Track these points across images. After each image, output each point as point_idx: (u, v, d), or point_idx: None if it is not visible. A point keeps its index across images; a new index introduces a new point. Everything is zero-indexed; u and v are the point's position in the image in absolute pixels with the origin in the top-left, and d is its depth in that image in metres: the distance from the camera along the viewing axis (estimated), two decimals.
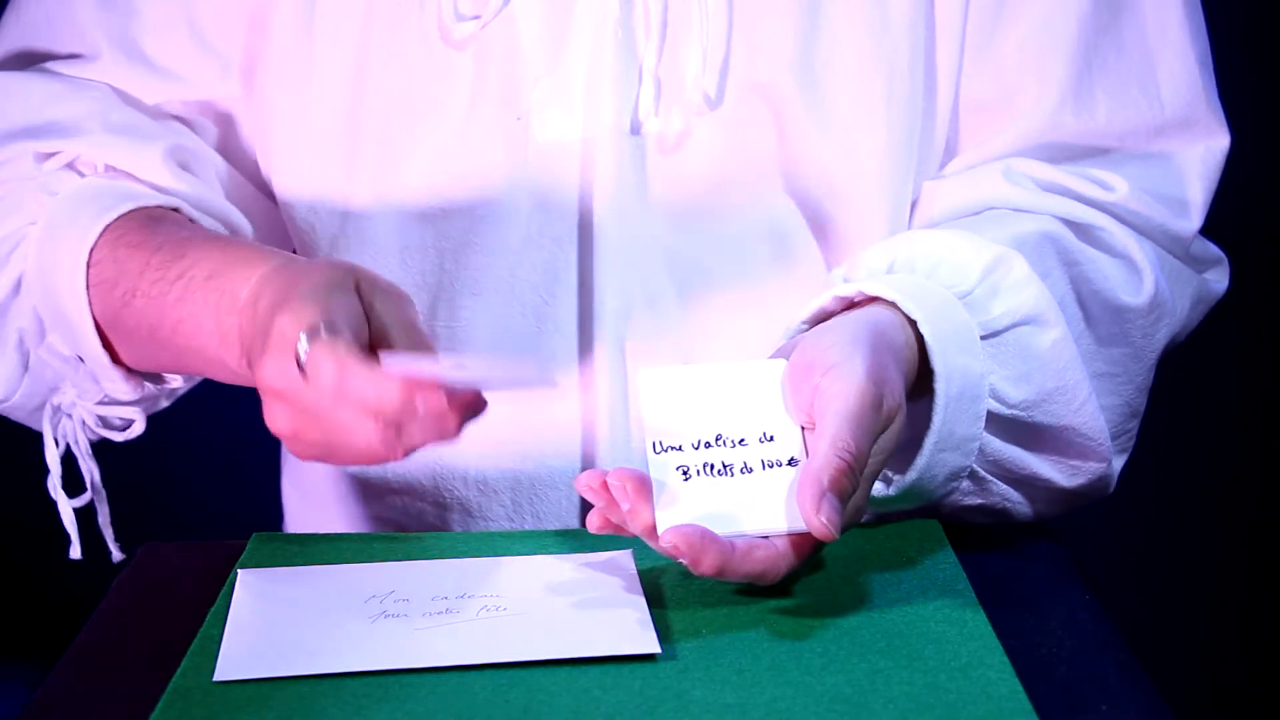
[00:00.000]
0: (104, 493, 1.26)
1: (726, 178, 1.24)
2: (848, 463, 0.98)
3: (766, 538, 1.00)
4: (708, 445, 1.01)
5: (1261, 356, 2.17)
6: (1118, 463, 1.20)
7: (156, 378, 1.22)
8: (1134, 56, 1.23)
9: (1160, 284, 1.20)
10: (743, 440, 1.01)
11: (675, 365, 1.03)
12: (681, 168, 1.24)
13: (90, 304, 1.17)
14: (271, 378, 1.03)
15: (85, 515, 1.23)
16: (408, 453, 1.02)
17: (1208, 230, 1.27)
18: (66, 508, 1.23)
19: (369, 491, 1.32)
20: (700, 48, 1.21)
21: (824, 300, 1.10)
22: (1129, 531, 2.20)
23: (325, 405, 1.01)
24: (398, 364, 1.00)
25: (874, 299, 1.09)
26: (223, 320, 1.10)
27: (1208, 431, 2.20)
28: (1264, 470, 2.19)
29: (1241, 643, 2.23)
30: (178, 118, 1.27)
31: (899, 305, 1.08)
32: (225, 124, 1.29)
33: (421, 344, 1.04)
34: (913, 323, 1.07)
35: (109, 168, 1.22)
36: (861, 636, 0.97)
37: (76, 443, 1.24)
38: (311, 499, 1.36)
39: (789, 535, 1.00)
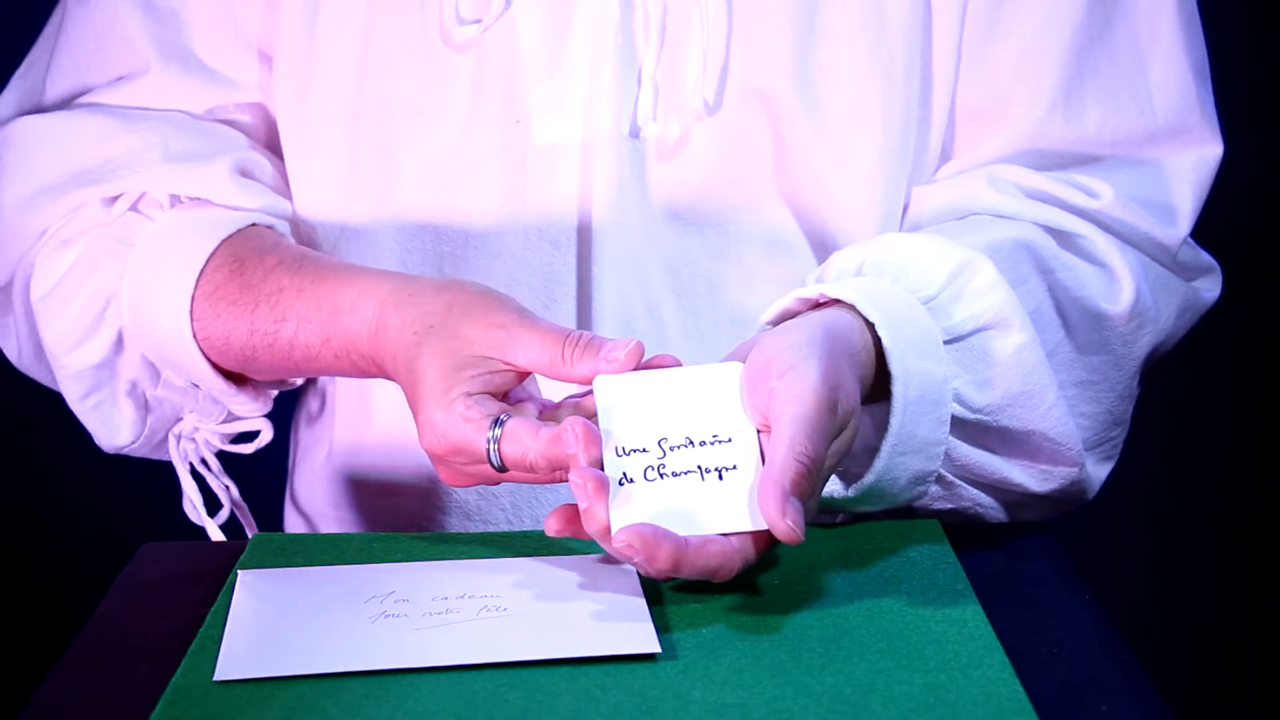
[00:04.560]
0: (245, 506, 1.29)
1: (724, 182, 1.24)
2: (806, 466, 0.98)
3: (724, 535, 1.00)
4: (664, 450, 1.01)
5: (1257, 360, 2.17)
6: (1101, 470, 1.20)
7: (282, 382, 1.25)
8: (1126, 64, 1.23)
9: (1141, 292, 1.20)
10: (699, 443, 1.01)
11: (632, 371, 1.03)
12: (680, 172, 1.24)
13: (205, 355, 1.19)
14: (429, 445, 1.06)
15: (82, 519, 1.23)
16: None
17: (1201, 238, 1.26)
18: (215, 531, 1.27)
19: (367, 496, 1.32)
20: (700, 52, 1.21)
21: (787, 301, 1.10)
22: (1129, 531, 2.20)
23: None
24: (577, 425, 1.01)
25: (836, 301, 1.09)
26: (361, 358, 1.13)
27: (1206, 433, 2.20)
28: (1260, 471, 2.19)
29: (1241, 642, 2.23)
30: (228, 121, 1.28)
31: (858, 308, 1.07)
32: (271, 124, 1.29)
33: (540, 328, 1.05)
34: (871, 326, 1.07)
35: (174, 198, 1.23)
36: (861, 636, 0.97)
37: (205, 464, 1.25)
38: (309, 512, 1.36)
39: (748, 533, 1.00)
